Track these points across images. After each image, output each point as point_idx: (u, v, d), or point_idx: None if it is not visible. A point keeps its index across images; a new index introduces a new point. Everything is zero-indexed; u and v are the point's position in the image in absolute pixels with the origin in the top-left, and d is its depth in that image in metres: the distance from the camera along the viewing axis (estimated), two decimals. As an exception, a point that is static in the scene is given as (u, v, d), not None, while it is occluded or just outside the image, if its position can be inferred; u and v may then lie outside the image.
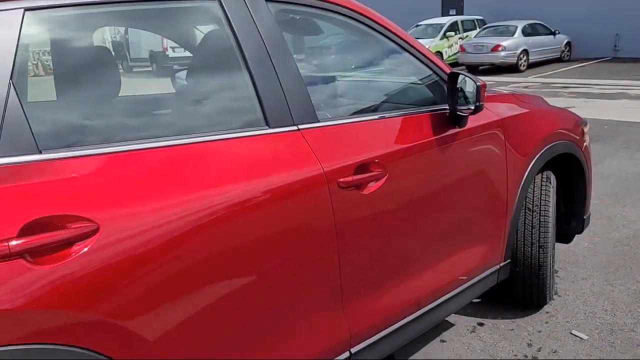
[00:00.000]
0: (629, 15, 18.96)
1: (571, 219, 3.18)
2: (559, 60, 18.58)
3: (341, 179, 1.75)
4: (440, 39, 18.06)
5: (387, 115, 2.10)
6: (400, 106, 2.22)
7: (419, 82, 2.27)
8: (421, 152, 2.08)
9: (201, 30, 2.35)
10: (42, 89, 1.86)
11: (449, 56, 17.91)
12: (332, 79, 2.65)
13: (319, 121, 1.79)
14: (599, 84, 12.85)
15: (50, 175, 1.25)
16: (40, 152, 1.26)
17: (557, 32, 18.39)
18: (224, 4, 1.65)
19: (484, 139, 2.36)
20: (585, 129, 3.12)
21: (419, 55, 2.21)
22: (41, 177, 1.24)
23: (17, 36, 1.26)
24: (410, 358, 2.54)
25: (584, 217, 3.17)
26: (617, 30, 19.34)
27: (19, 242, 1.14)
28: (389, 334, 2.02)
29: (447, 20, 19.19)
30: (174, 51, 8.93)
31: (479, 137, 2.33)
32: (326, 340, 1.81)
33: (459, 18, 19.92)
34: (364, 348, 1.93)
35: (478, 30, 18.88)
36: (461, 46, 17.18)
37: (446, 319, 2.87)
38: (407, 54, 2.19)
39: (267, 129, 1.67)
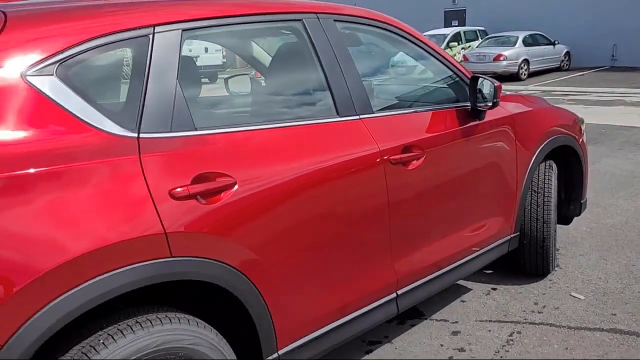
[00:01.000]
0: (626, 27, 19.58)
1: (570, 203, 3.71)
2: (558, 69, 19.20)
3: (392, 157, 2.29)
4: (444, 49, 18.66)
5: (422, 109, 2.65)
6: (432, 103, 2.76)
7: (446, 84, 2.82)
8: (449, 139, 2.61)
9: (259, 44, 2.91)
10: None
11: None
12: (382, 80, 3.20)
13: (373, 112, 2.33)
14: (597, 91, 13.43)
15: (203, 145, 1.78)
16: (196, 129, 1.79)
17: (556, 42, 19.01)
18: (305, 24, 2.20)
19: (498, 130, 2.90)
20: (582, 127, 3.66)
21: (446, 62, 2.77)
22: (197, 146, 1.77)
23: (179, 49, 1.80)
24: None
25: (581, 201, 3.70)
26: (614, 41, 19.97)
27: (193, 187, 1.67)
28: (426, 282, 2.55)
29: (450, 31, 19.82)
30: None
31: (494, 129, 2.86)
32: (380, 282, 2.33)
33: (461, 29, 20.55)
34: (406, 292, 2.46)
35: (480, 40, 19.48)
36: (464, 56, 17.75)
37: (464, 284, 3.40)
38: (436, 62, 2.75)
39: (338, 117, 2.20)
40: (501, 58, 16.72)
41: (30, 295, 1.35)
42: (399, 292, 2.43)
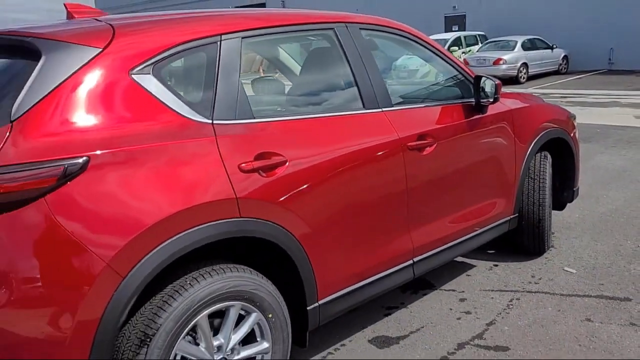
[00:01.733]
0: (622, 31, 20.06)
1: (564, 191, 4.13)
2: (556, 72, 19.67)
3: (409, 143, 2.71)
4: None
5: (433, 104, 3.07)
6: (441, 98, 3.18)
7: (453, 82, 3.24)
8: (456, 129, 3.03)
9: (285, 50, 3.34)
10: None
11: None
12: (399, 79, 3.62)
13: (393, 106, 2.76)
14: (594, 94, 13.87)
15: (260, 130, 2.20)
16: (254, 118, 2.21)
17: (554, 46, 19.49)
18: (336, 32, 2.63)
19: (499, 123, 3.32)
20: (574, 122, 4.08)
21: (453, 64, 3.19)
22: (256, 131, 2.19)
23: (240, 53, 2.23)
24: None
25: (574, 189, 4.12)
26: (611, 45, 20.44)
27: (255, 163, 2.09)
28: (438, 252, 2.97)
29: (450, 36, 20.28)
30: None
31: (495, 122, 3.28)
32: (400, 249, 2.75)
33: (461, 34, 21.01)
34: (420, 259, 2.88)
35: (480, 45, 19.94)
36: (465, 60, 18.19)
37: (469, 261, 3.82)
38: (444, 63, 3.18)
39: (364, 109, 2.63)
40: (501, 62, 17.16)
41: (145, 239, 1.77)
42: (415, 259, 2.85)
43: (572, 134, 3.98)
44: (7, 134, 1.66)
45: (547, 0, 21.93)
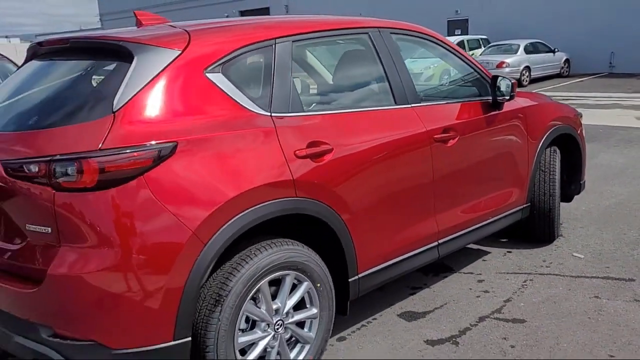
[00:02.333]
0: (623, 35, 20.42)
1: (571, 184, 4.43)
2: (558, 75, 20.01)
3: (435, 136, 3.02)
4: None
5: (454, 101, 3.38)
6: (461, 96, 3.49)
7: (472, 81, 3.55)
8: (476, 124, 3.34)
9: (311, 53, 3.65)
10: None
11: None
12: (424, 78, 3.92)
13: (420, 102, 3.06)
14: (596, 96, 14.19)
15: (309, 122, 2.51)
16: (304, 111, 2.52)
17: (556, 50, 19.83)
18: (371, 36, 2.94)
19: (513, 119, 3.63)
20: (581, 119, 4.39)
21: (472, 65, 3.51)
22: (306, 122, 2.50)
23: (291, 55, 2.54)
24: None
25: (581, 182, 4.43)
26: (612, 49, 20.79)
27: (307, 150, 2.40)
28: (459, 236, 3.28)
29: (454, 40, 20.58)
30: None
31: (510, 118, 3.59)
32: (427, 231, 3.06)
33: (465, 37, 21.34)
34: (444, 242, 3.18)
35: (483, 48, 20.26)
36: (468, 63, 18.47)
37: (484, 249, 4.12)
38: (464, 64, 3.49)
39: (395, 105, 2.94)
40: (504, 65, 17.47)
41: (222, 212, 2.08)
42: (440, 241, 3.15)
43: (579, 131, 4.29)
44: (111, 122, 1.97)
45: (549, 4, 22.30)
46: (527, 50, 18.56)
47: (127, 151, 1.95)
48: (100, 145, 1.92)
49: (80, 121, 2.00)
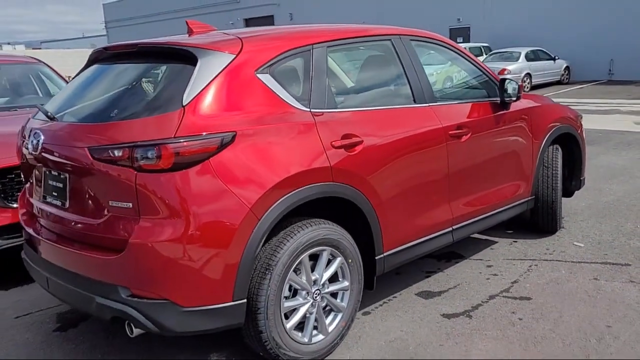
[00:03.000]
0: (622, 43, 20.85)
1: (572, 180, 4.78)
2: (559, 82, 20.42)
3: (450, 132, 3.37)
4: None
5: (466, 101, 3.74)
6: (472, 97, 3.85)
7: (482, 83, 3.90)
8: (486, 121, 3.69)
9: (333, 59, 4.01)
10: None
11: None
12: (439, 80, 4.29)
13: (436, 102, 3.42)
14: (595, 102, 14.57)
15: (342, 117, 2.86)
16: (337, 107, 2.88)
17: (557, 57, 20.25)
18: (393, 42, 3.30)
19: (519, 118, 3.98)
20: (581, 121, 4.75)
21: (482, 69, 3.87)
22: (339, 117, 2.84)
23: (326, 58, 2.89)
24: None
25: (581, 178, 4.78)
26: (611, 56, 21.22)
27: (341, 141, 2.75)
28: (472, 223, 3.62)
29: (456, 47, 20.98)
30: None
31: (516, 117, 3.94)
32: (442, 217, 3.40)
33: (467, 45, 21.75)
34: (458, 227, 3.53)
35: (485, 56, 20.67)
36: (470, 70, 18.87)
37: (491, 239, 4.47)
38: (475, 68, 3.85)
39: (415, 104, 3.29)
40: (505, 72, 17.84)
41: (272, 193, 2.43)
42: (454, 227, 3.50)
43: (579, 131, 4.64)
44: (182, 114, 2.32)
45: (549, 12, 22.75)
46: (528, 58, 18.97)
47: (197, 139, 2.30)
48: (174, 134, 2.28)
49: (155, 113, 2.35)
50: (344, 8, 29.18)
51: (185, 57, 2.52)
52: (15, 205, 3.86)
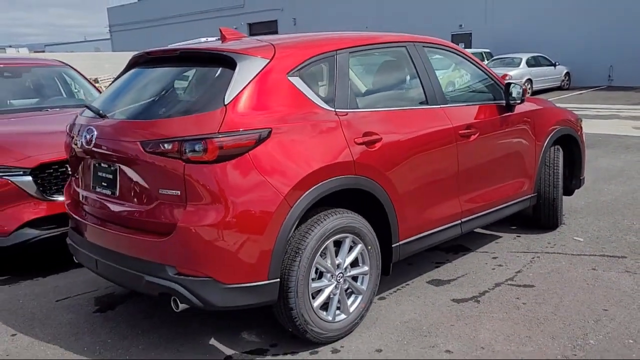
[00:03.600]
0: (621, 49, 21.17)
1: (572, 179, 5.06)
2: (559, 88, 20.72)
3: (460, 131, 3.65)
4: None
5: (474, 103, 4.02)
6: (479, 99, 4.14)
7: (488, 87, 4.19)
8: (492, 122, 3.98)
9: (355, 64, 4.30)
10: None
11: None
12: (449, 84, 4.60)
13: (447, 103, 3.70)
14: (595, 107, 14.87)
15: (363, 117, 3.13)
16: (358, 108, 3.16)
17: (557, 63, 20.56)
18: (407, 48, 3.59)
19: (523, 120, 4.26)
20: (581, 123, 5.03)
21: (488, 73, 4.16)
22: (361, 117, 3.12)
23: (348, 63, 3.18)
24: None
25: (581, 177, 5.06)
26: (611, 62, 21.55)
27: (363, 138, 3.03)
28: (479, 216, 3.90)
29: (458, 53, 21.27)
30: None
31: (520, 119, 4.23)
32: (452, 210, 3.68)
33: (468, 51, 22.02)
34: (466, 220, 3.81)
35: (487, 61, 20.96)
36: (472, 76, 19.17)
37: (496, 234, 4.74)
38: (482, 73, 4.14)
39: (427, 105, 3.58)
40: (507, 78, 18.14)
41: (303, 183, 2.71)
42: (462, 220, 3.78)
43: (579, 133, 4.93)
44: (224, 112, 2.61)
45: (550, 19, 23.09)
46: (529, 64, 19.28)
47: (238, 134, 2.58)
48: (218, 129, 2.56)
49: (200, 112, 2.64)
50: (346, 14, 29.54)
51: (225, 62, 2.80)
52: (52, 199, 4.13)
